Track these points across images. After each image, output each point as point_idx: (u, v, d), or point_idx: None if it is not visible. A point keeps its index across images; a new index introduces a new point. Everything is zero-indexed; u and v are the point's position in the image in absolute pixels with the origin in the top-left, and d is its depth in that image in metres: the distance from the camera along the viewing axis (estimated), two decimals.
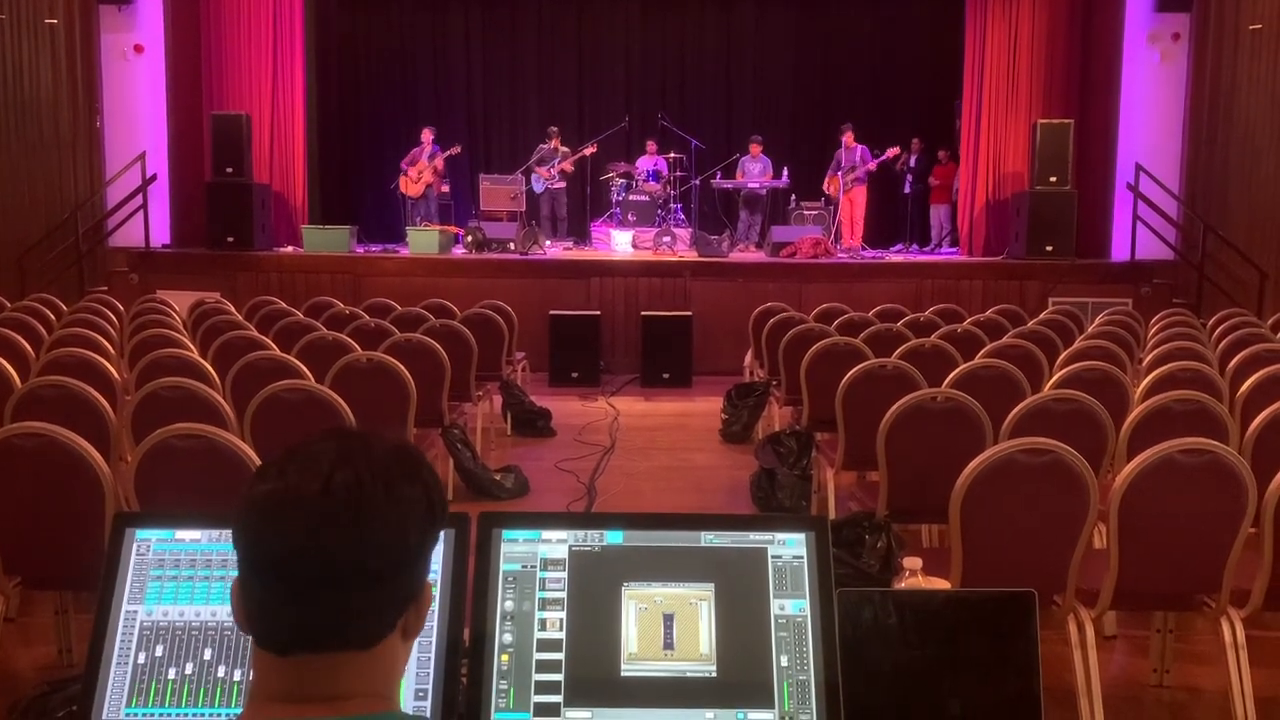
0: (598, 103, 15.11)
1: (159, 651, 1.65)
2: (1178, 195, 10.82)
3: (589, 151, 12.91)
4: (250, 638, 1.11)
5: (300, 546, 1.05)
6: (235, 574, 1.11)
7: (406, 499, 1.10)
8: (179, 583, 1.69)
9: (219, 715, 1.61)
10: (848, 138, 12.42)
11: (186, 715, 1.61)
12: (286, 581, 1.06)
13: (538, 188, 12.84)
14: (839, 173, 12.45)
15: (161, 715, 1.61)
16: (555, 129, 13.04)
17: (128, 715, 1.61)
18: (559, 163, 12.72)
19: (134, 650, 1.64)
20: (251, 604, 1.09)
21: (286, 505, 1.06)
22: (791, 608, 1.72)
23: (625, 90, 15.18)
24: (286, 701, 1.07)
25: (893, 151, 12.46)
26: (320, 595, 1.06)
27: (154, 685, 1.64)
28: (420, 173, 12.60)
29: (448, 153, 12.81)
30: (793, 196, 12.92)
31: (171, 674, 1.64)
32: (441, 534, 1.73)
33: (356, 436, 1.13)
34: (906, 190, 13.65)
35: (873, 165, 12.35)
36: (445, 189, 13.26)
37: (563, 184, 12.93)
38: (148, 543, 1.73)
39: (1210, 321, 7.29)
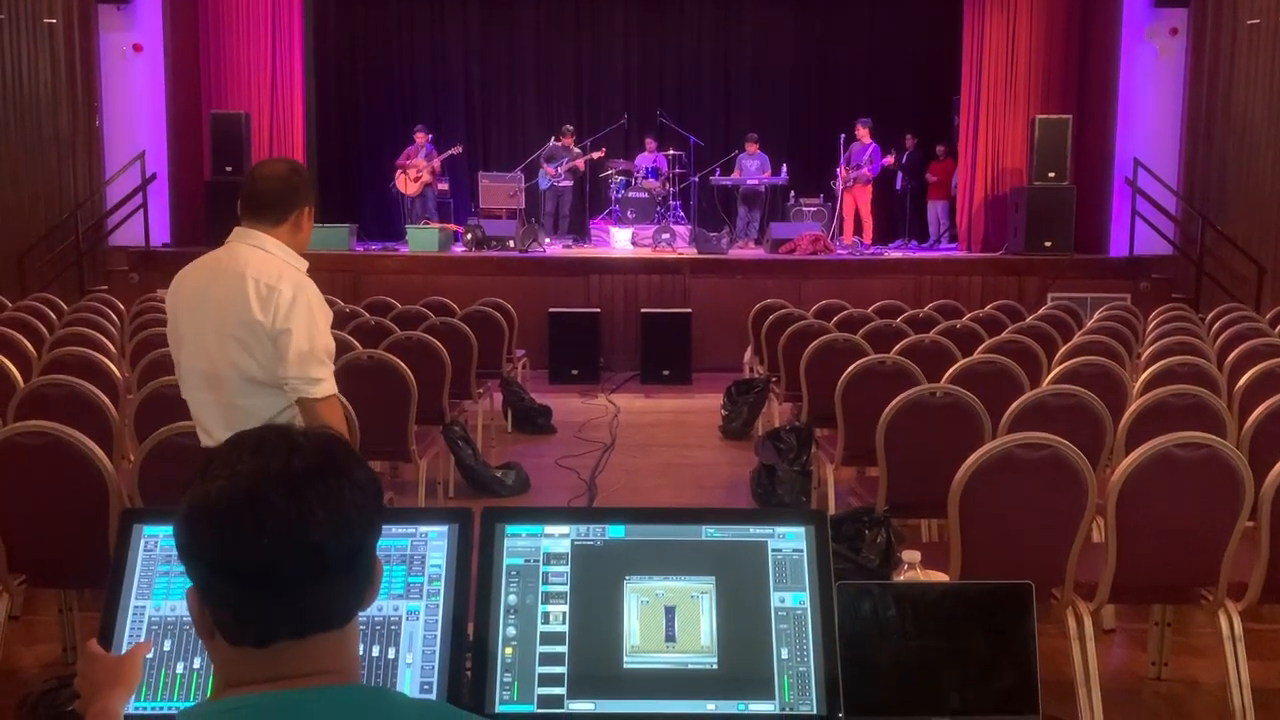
0: (596, 100, 15.10)
1: (167, 646, 1.67)
2: (1176, 190, 10.83)
3: (598, 155, 12.87)
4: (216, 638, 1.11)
5: (284, 543, 1.05)
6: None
7: (362, 481, 1.12)
8: (186, 578, 1.70)
9: None
10: (863, 133, 12.40)
11: None
12: (272, 578, 1.06)
13: (543, 184, 12.81)
14: (847, 166, 12.44)
15: (170, 709, 1.63)
16: (570, 127, 13.04)
17: (137, 709, 1.62)
18: (568, 161, 12.70)
19: None
20: (224, 606, 1.09)
21: (255, 503, 1.05)
22: (791, 600, 1.74)
23: (624, 87, 15.17)
24: (259, 682, 1.09)
25: (888, 160, 12.52)
26: (311, 585, 1.07)
27: (163, 679, 1.66)
28: (419, 172, 12.60)
29: (447, 153, 12.80)
30: (792, 193, 12.92)
31: (180, 668, 1.66)
32: (445, 529, 1.76)
33: (290, 430, 1.14)
34: (899, 187, 13.66)
35: (869, 172, 12.38)
36: (444, 187, 13.27)
37: (569, 182, 12.91)
38: (155, 539, 1.74)
39: (1209, 316, 7.30)
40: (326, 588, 1.09)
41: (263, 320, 2.75)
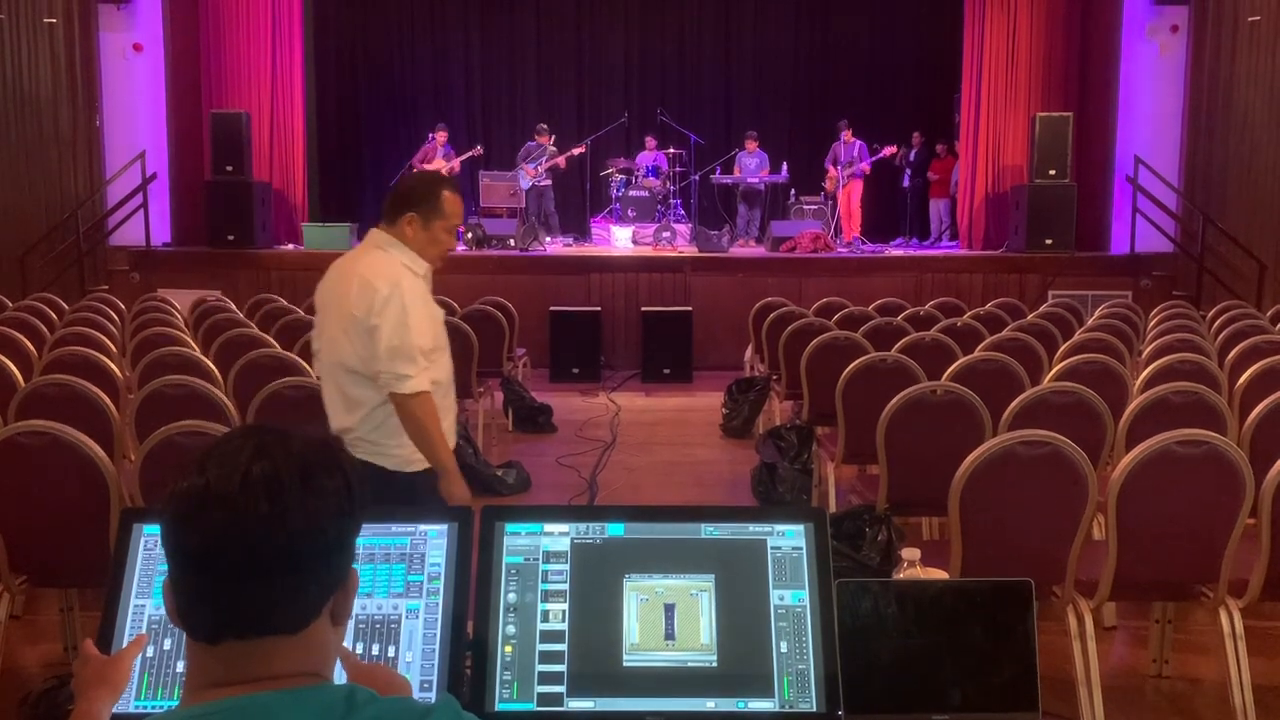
0: (597, 99, 15.10)
1: (167, 645, 1.67)
2: (1177, 188, 10.82)
3: (577, 152, 12.82)
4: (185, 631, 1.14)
5: (221, 537, 1.08)
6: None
7: (323, 489, 1.12)
8: None
9: None
10: (846, 133, 12.47)
11: None
12: (211, 572, 1.09)
13: (524, 185, 12.77)
14: (836, 167, 12.48)
15: (171, 708, 1.63)
16: (544, 126, 12.96)
17: (137, 708, 1.63)
18: (547, 160, 12.64)
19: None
20: (180, 597, 1.12)
21: (207, 499, 1.09)
22: (791, 598, 1.74)
23: (624, 86, 15.17)
24: (220, 686, 1.10)
25: (889, 150, 12.49)
26: (244, 584, 1.09)
27: (164, 678, 1.66)
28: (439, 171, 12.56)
29: (468, 154, 12.76)
30: (792, 191, 12.93)
31: (180, 667, 1.66)
32: (445, 527, 1.76)
33: (275, 432, 1.17)
34: (905, 184, 13.66)
35: (866, 166, 12.39)
36: None
37: (549, 181, 12.83)
38: (155, 538, 1.74)
39: (1210, 313, 7.30)
40: (271, 589, 1.09)
41: (358, 315, 2.98)
